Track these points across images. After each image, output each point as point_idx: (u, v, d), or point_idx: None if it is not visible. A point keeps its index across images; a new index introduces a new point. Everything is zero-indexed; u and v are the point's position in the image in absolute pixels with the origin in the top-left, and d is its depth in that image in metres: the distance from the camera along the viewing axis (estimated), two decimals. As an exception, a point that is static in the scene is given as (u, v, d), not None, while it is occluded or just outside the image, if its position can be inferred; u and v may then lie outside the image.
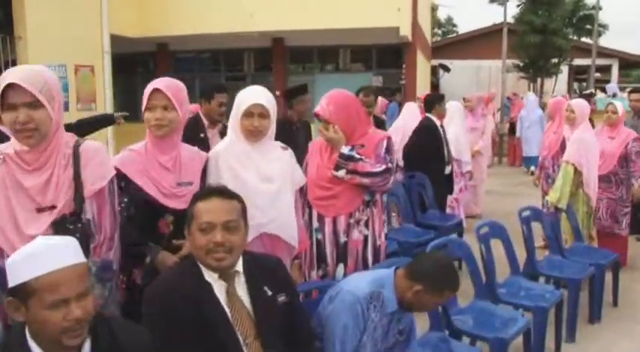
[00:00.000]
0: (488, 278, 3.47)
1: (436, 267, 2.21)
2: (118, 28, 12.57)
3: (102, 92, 12.17)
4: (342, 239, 3.00)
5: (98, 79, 12.10)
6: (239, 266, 1.99)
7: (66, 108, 10.74)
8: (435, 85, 23.18)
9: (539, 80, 19.24)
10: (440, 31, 44.47)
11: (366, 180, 2.92)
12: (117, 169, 2.30)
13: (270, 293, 2.01)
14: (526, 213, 4.09)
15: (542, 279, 4.04)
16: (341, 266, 3.03)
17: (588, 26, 21.72)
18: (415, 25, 13.19)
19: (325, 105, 2.96)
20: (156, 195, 2.34)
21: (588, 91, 10.29)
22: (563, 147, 4.96)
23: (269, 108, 2.58)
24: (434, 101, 5.63)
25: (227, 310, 1.93)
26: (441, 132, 5.56)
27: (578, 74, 24.52)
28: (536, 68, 18.76)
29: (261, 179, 2.61)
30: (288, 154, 2.77)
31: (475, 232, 3.63)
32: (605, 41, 25.98)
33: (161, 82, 2.37)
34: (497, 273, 3.61)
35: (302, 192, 2.92)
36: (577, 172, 4.46)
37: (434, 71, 22.74)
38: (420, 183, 5.43)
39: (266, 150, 2.66)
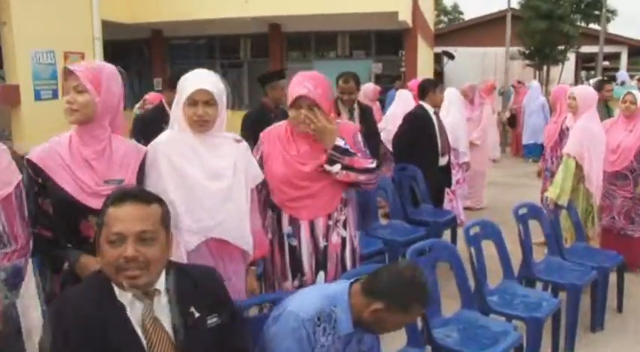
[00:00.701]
0: (477, 284, 3.12)
1: (398, 282, 1.83)
2: (109, 13, 12.20)
3: (92, 80, 11.83)
4: (322, 243, 2.62)
5: (88, 67, 11.74)
6: (160, 284, 1.65)
7: (55, 95, 10.61)
8: (438, 73, 22.77)
9: (545, 68, 18.74)
10: (446, 19, 43.91)
11: (362, 177, 2.55)
12: (32, 163, 2.01)
13: (197, 314, 1.67)
14: (523, 211, 3.72)
15: (539, 283, 3.70)
16: (321, 274, 2.65)
17: (596, 12, 21.06)
18: (416, 10, 12.76)
19: (312, 88, 2.46)
20: (77, 193, 2.01)
21: (598, 78, 9.74)
22: (562, 137, 4.57)
23: (215, 95, 2.22)
24: (427, 88, 5.23)
25: (142, 337, 1.59)
26: (434, 121, 5.17)
27: (585, 62, 23.97)
28: (542, 55, 18.25)
29: (209, 176, 2.25)
30: (243, 148, 2.41)
31: (464, 233, 3.27)
32: (614, 28, 25.49)
33: (77, 64, 2.07)
34: (489, 278, 3.26)
35: (260, 190, 2.56)
36: (579, 166, 4.08)
37: (438, 59, 22.29)
38: (411, 176, 5.06)
39: (215, 142, 2.30)
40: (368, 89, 7.15)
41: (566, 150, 4.12)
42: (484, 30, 21.25)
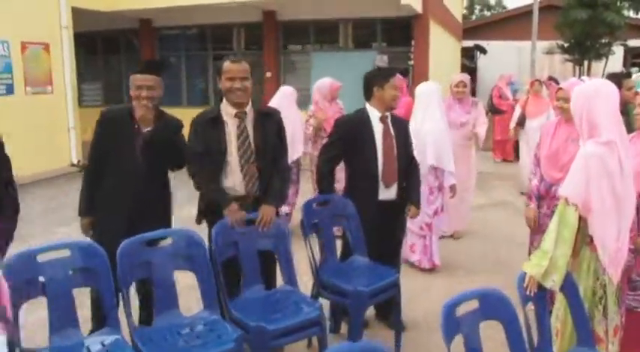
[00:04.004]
0: None
1: None
2: (85, 1, 10.88)
3: (60, 73, 10.57)
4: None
5: (56, 59, 10.47)
6: None
7: (10, 91, 9.30)
8: (470, 69, 20.81)
9: (586, 63, 16.54)
10: (489, 14, 41.51)
11: None
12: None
13: None
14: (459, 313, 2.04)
15: None
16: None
17: (648, 0, 18.63)
18: (428, -6, 10.97)
19: None
20: None
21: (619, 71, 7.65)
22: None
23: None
24: (371, 82, 3.57)
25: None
26: (377, 130, 3.52)
27: (636, 57, 21.47)
28: (583, 49, 16.09)
29: None
30: None
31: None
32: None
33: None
34: None
35: None
36: (583, 218, 2.37)
37: (467, 53, 20.31)
38: (334, 213, 3.43)
39: None
40: (323, 85, 5.52)
41: (564, 192, 2.39)
42: (521, 22, 19.17)
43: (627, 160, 2.40)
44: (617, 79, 4.38)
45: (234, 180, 3.08)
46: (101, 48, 14.39)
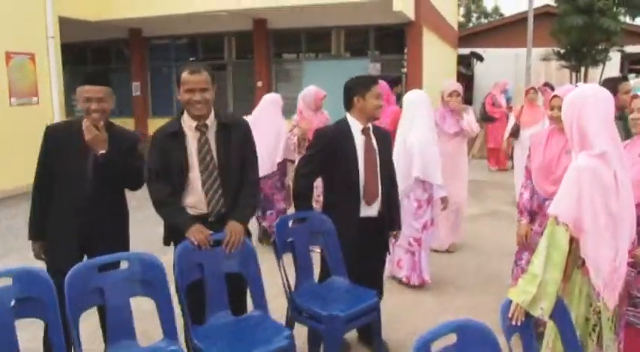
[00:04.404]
0: None
1: None
2: (70, 10, 10.69)
3: (46, 84, 10.35)
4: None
5: (42, 69, 10.27)
6: None
7: (-7, 101, 9.03)
8: (467, 77, 20.63)
9: (582, 69, 16.34)
10: (486, 21, 41.48)
11: None
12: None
13: None
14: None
15: None
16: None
17: (645, 6, 18.47)
18: (420, 1, 10.78)
19: None
20: None
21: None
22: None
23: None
24: (352, 91, 3.35)
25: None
26: (359, 143, 3.29)
27: (633, 64, 21.29)
28: (579, 55, 15.89)
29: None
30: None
31: None
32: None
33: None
34: None
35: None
36: (575, 239, 2.14)
37: (463, 61, 20.15)
38: (311, 231, 3.20)
39: None
40: (307, 94, 5.30)
41: (553, 210, 2.16)
42: (518, 29, 19.05)
43: (624, 172, 2.17)
44: (613, 83, 4.16)
45: (196, 197, 2.84)
46: (91, 58, 14.22)
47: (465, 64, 21.12)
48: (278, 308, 3.21)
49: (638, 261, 2.45)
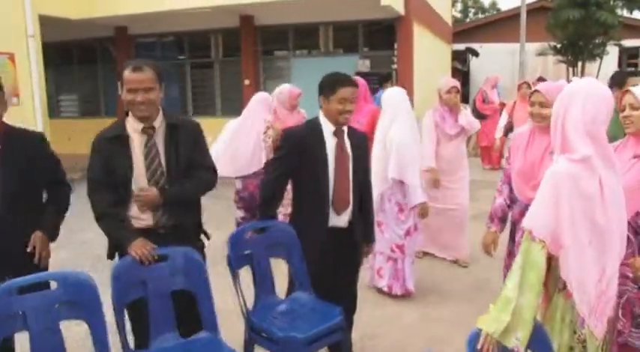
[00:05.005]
0: None
1: None
2: (50, 7, 10.37)
3: (27, 84, 10.05)
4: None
5: (23, 69, 9.97)
6: None
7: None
8: (463, 73, 20.32)
9: (579, 64, 16.05)
10: (483, 17, 41.19)
11: None
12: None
13: None
14: None
15: None
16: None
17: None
18: (410, -5, 10.48)
19: None
20: None
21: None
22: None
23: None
24: (320, 90, 3.01)
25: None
26: (330, 145, 2.99)
27: (631, 58, 20.99)
28: (575, 50, 15.59)
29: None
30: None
31: None
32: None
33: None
34: None
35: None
36: (554, 257, 1.84)
37: (457, 57, 19.83)
38: (271, 243, 2.91)
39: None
40: (281, 92, 5.00)
41: (527, 224, 1.87)
42: (514, 24, 18.74)
43: (615, 179, 1.88)
44: (620, 77, 3.84)
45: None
46: (77, 57, 13.90)
47: (461, 60, 20.81)
48: (237, 327, 2.93)
49: (637, 275, 2.15)
